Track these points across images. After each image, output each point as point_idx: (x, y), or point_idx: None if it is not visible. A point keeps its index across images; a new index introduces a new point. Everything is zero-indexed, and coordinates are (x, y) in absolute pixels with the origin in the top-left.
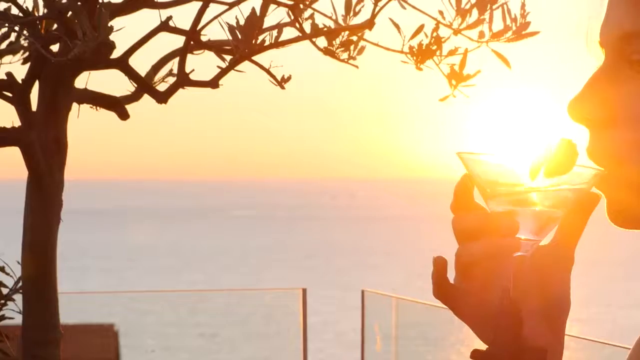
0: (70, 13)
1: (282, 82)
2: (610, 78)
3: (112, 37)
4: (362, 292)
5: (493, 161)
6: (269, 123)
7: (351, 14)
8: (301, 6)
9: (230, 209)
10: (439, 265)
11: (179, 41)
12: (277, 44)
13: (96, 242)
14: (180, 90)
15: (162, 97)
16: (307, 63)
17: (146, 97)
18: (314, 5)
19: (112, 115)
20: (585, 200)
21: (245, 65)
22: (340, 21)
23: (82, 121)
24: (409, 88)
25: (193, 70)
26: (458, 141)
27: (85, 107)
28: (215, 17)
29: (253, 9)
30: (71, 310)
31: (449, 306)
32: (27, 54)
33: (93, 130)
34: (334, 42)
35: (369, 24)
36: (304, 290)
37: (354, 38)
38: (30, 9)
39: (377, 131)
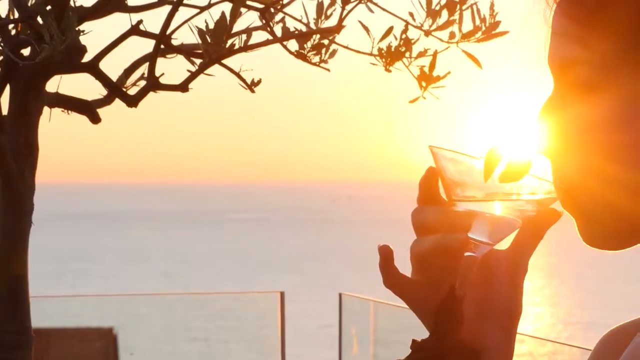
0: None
1: (252, 86)
2: (561, 100)
3: (84, 41)
4: (340, 295)
5: (463, 161)
6: (239, 127)
7: (322, 17)
8: (272, 10)
9: (218, 212)
10: (384, 254)
11: (152, 45)
12: (246, 48)
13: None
14: (178, 94)
15: (132, 101)
16: (292, 67)
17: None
18: (286, 10)
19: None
20: (546, 215)
21: (218, 69)
22: (312, 25)
23: (57, 124)
24: (400, 90)
25: (163, 74)
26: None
27: (57, 110)
28: (186, 21)
29: (223, 13)
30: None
31: (399, 296)
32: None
33: (71, 133)
34: (305, 45)
35: (338, 27)
36: (282, 294)
37: (326, 41)
38: (5, 13)
39: (365, 133)
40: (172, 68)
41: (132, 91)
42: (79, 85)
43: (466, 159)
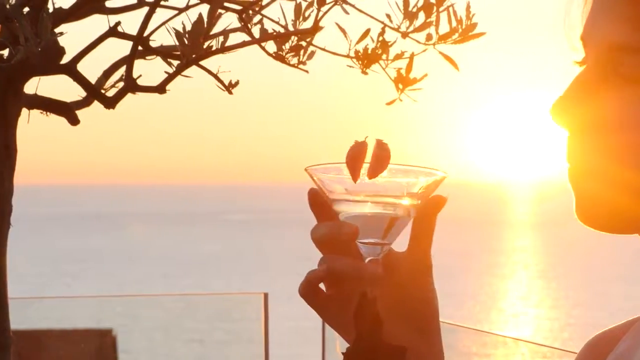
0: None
1: (229, 87)
2: (598, 84)
3: (63, 43)
4: None
5: (332, 170)
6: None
7: (300, 19)
8: (250, 12)
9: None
10: (315, 277)
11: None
12: (224, 49)
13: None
14: (170, 95)
15: (110, 103)
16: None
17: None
18: (265, 12)
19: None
20: (430, 204)
21: (198, 71)
22: (290, 26)
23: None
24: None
25: (140, 75)
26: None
27: (35, 112)
28: (164, 23)
29: (200, 15)
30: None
31: (314, 309)
32: None
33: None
34: (283, 47)
35: (313, 28)
36: (266, 295)
37: (304, 43)
38: None
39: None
40: (153, 70)
41: (111, 93)
42: (59, 86)
43: (333, 168)
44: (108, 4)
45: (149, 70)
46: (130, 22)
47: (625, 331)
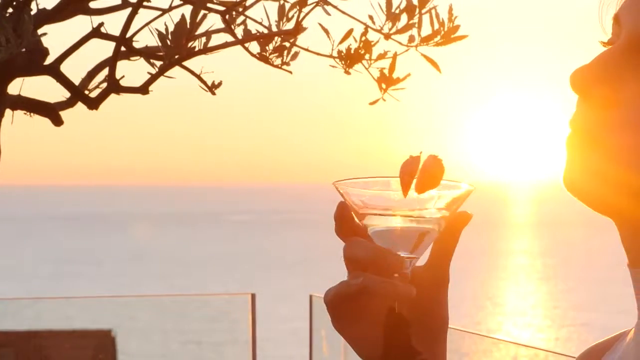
0: None
1: (212, 88)
2: (628, 62)
3: (47, 43)
4: (310, 297)
5: (364, 186)
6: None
7: (284, 19)
8: (234, 13)
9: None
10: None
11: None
12: (206, 50)
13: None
14: (165, 95)
15: (93, 104)
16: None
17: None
18: (249, 13)
19: (92, 118)
20: (456, 220)
21: (182, 72)
22: (274, 27)
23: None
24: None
25: (123, 76)
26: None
27: (19, 113)
28: (147, 24)
29: (183, 16)
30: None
31: (335, 321)
32: None
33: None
34: (267, 48)
35: (295, 29)
36: (253, 296)
37: (287, 44)
38: None
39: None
40: (139, 71)
41: (95, 94)
42: (43, 87)
43: (364, 184)
44: (92, 5)
45: (135, 71)
46: (116, 24)
47: (614, 343)
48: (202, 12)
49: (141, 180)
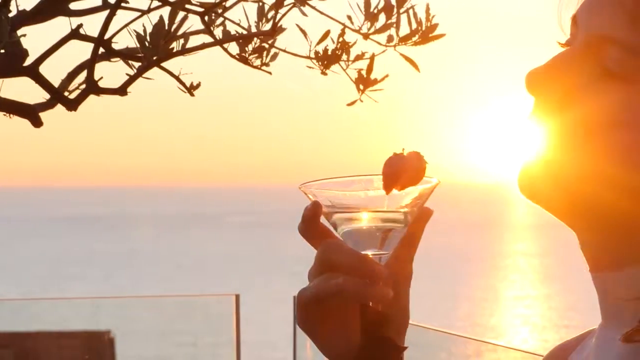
0: None
1: (191, 89)
2: (584, 63)
3: (26, 45)
4: (294, 298)
5: (332, 186)
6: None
7: (263, 20)
8: (213, 15)
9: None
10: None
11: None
12: (185, 51)
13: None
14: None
15: (71, 105)
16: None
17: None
18: (229, 13)
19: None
20: (420, 216)
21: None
22: (254, 28)
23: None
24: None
25: (102, 77)
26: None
27: None
28: (126, 25)
29: (161, 17)
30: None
31: (307, 321)
32: None
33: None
34: (246, 48)
35: (272, 30)
36: (237, 297)
37: (266, 45)
38: None
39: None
40: (119, 72)
41: (74, 95)
42: (23, 88)
43: (333, 185)
44: (72, 6)
45: (115, 72)
46: (97, 25)
47: (580, 342)
48: (181, 13)
49: (122, 181)
